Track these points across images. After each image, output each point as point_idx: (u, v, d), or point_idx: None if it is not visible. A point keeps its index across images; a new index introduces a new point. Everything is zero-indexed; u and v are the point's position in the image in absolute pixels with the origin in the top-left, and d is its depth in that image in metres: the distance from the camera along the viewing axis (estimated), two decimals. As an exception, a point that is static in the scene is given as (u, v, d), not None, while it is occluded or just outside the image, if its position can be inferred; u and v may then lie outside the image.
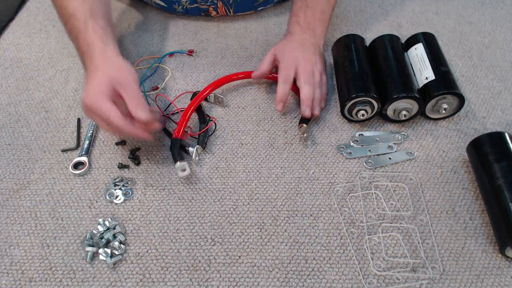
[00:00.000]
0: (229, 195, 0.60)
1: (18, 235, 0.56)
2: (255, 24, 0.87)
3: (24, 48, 0.83)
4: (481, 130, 0.67)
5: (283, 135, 0.67)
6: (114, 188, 0.60)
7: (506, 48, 0.80)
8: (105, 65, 0.59)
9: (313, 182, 0.61)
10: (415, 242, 0.54)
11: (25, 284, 0.52)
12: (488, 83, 0.74)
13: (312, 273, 0.52)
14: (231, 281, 0.52)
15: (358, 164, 0.63)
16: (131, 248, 0.55)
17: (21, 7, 0.92)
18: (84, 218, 0.58)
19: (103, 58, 0.60)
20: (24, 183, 0.62)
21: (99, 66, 0.59)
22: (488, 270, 0.52)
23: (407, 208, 0.58)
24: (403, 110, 0.64)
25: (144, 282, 0.52)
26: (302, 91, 0.67)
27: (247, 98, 0.73)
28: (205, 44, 0.83)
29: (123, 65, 0.59)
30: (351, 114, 0.67)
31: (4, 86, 0.76)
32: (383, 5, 0.91)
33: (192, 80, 0.76)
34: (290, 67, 0.68)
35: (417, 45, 0.70)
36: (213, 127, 0.68)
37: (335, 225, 0.56)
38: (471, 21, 0.86)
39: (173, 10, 0.86)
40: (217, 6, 0.84)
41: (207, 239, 0.56)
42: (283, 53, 0.71)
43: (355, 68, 0.68)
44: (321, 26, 0.76)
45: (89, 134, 0.66)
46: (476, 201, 0.58)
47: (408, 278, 0.51)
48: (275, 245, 0.55)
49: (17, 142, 0.67)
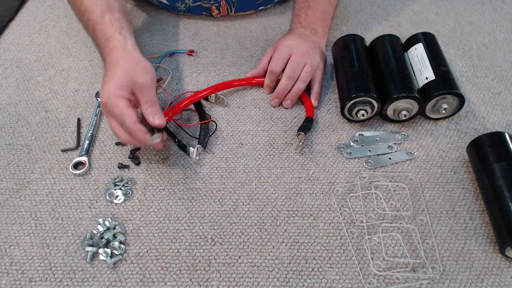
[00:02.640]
0: (229, 195, 0.60)
1: (18, 235, 0.56)
2: (255, 24, 0.87)
3: (24, 48, 0.83)
4: (481, 130, 0.67)
5: (283, 135, 0.67)
6: (114, 188, 0.60)
7: (506, 48, 0.80)
8: (125, 61, 0.58)
9: (313, 182, 0.61)
10: (415, 242, 0.54)
11: (25, 284, 0.52)
12: (488, 83, 0.74)
13: (312, 273, 0.52)
14: (231, 281, 0.52)
15: (358, 164, 0.63)
16: (131, 248, 0.55)
17: (21, 7, 0.92)
18: (84, 218, 0.58)
19: (123, 53, 0.59)
20: (24, 183, 0.62)
21: (118, 61, 0.58)
22: (488, 270, 0.52)
23: (407, 208, 0.58)
24: (403, 110, 0.64)
25: (144, 282, 0.52)
26: (280, 82, 0.68)
27: (247, 98, 0.73)
28: (205, 44, 0.83)
29: (142, 63, 0.59)
30: (351, 114, 0.67)
31: (4, 86, 0.76)
32: (383, 5, 0.91)
33: (192, 80, 0.76)
34: (280, 58, 0.69)
35: (417, 45, 0.70)
36: (213, 127, 0.68)
37: (335, 225, 0.56)
38: (471, 21, 0.86)
39: (175, 8, 0.86)
40: (220, 5, 0.84)
41: (207, 239, 0.56)
42: (280, 43, 0.71)
43: (355, 68, 0.68)
44: (323, 26, 0.76)
45: (89, 134, 0.66)
46: (476, 201, 0.58)
47: (408, 278, 0.51)
48: (275, 245, 0.55)
49: (17, 142, 0.67)
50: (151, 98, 0.57)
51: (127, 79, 0.56)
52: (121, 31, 0.61)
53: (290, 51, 0.69)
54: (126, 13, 0.67)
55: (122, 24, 0.62)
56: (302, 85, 0.69)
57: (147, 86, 0.57)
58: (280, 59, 0.69)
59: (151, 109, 0.56)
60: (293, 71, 0.68)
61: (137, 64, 0.59)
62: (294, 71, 0.68)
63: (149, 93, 0.57)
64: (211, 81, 0.75)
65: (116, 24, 0.62)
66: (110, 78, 0.57)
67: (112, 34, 0.61)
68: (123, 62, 0.58)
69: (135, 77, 0.56)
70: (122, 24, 0.62)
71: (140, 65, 0.59)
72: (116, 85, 0.56)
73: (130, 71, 0.57)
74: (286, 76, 0.68)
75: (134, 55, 0.60)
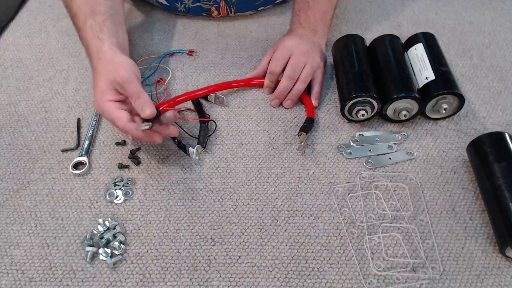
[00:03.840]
0: (229, 195, 0.60)
1: (18, 235, 0.56)
2: (255, 24, 0.87)
3: (24, 48, 0.83)
4: (481, 130, 0.67)
5: (283, 135, 0.67)
6: (114, 188, 0.60)
7: (506, 48, 0.80)
8: (102, 66, 0.59)
9: (313, 182, 0.61)
10: (415, 242, 0.54)
11: (25, 284, 0.52)
12: (488, 83, 0.74)
13: (312, 273, 0.52)
14: (231, 281, 0.52)
15: (358, 164, 0.63)
16: (131, 248, 0.55)
17: (21, 7, 0.92)
18: (84, 218, 0.58)
19: (99, 58, 0.60)
20: (24, 183, 0.62)
21: (97, 69, 0.59)
22: (488, 270, 0.52)
23: (407, 208, 0.58)
24: (403, 110, 0.64)
25: (144, 282, 0.52)
26: (280, 83, 0.68)
27: (247, 98, 0.73)
28: (205, 44, 0.83)
29: (117, 60, 0.59)
30: (351, 114, 0.67)
31: (4, 86, 0.76)
32: (383, 5, 0.91)
33: (192, 80, 0.76)
34: (280, 58, 0.69)
35: (417, 45, 0.70)
36: (213, 127, 0.68)
37: (335, 225, 0.56)
38: (471, 21, 0.86)
39: (175, 9, 0.86)
40: (219, 5, 0.84)
41: (207, 239, 0.56)
42: (279, 43, 0.71)
43: (355, 68, 0.68)
44: (323, 26, 0.76)
45: (89, 134, 0.66)
46: (476, 201, 0.58)
47: (408, 278, 0.51)
48: (275, 245, 0.55)
49: (17, 142, 0.67)
50: (135, 91, 0.57)
51: (107, 81, 0.57)
52: (99, 35, 0.61)
53: (290, 52, 0.69)
54: (112, 14, 0.65)
55: (102, 27, 0.62)
56: (302, 85, 0.69)
57: (127, 81, 0.56)
58: (280, 59, 0.69)
59: (137, 102, 0.56)
60: (293, 71, 0.68)
61: (112, 63, 0.58)
62: (295, 71, 0.68)
63: (131, 87, 0.56)
64: (211, 81, 0.75)
65: (95, 29, 0.61)
66: (94, 86, 0.59)
67: (90, 41, 0.61)
68: (100, 66, 0.59)
69: (113, 76, 0.57)
70: (102, 27, 0.62)
71: (116, 63, 0.58)
72: (100, 91, 0.57)
73: (107, 72, 0.57)
74: (287, 76, 0.68)
75: (109, 55, 0.59)
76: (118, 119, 0.56)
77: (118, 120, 0.56)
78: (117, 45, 0.61)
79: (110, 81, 0.57)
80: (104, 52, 0.60)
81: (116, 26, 0.65)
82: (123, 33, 0.67)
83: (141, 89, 0.57)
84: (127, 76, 0.57)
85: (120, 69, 0.57)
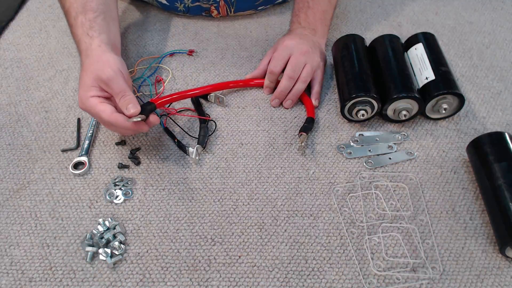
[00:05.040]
0: (229, 195, 0.60)
1: (18, 235, 0.56)
2: (255, 24, 0.87)
3: (24, 48, 0.83)
4: (481, 130, 0.67)
5: (283, 135, 0.67)
6: (114, 188, 0.60)
7: (506, 48, 0.80)
8: (89, 63, 0.58)
9: (313, 182, 0.61)
10: (415, 242, 0.54)
11: (25, 284, 0.52)
12: (488, 83, 0.74)
13: (312, 273, 0.52)
14: (231, 281, 0.52)
15: (358, 164, 0.63)
16: (131, 248, 0.55)
17: (21, 7, 0.92)
18: (84, 218, 0.58)
19: (87, 54, 0.60)
20: (24, 183, 0.62)
21: (84, 65, 0.59)
22: (488, 270, 0.52)
23: (407, 208, 0.58)
24: (403, 110, 0.64)
25: (144, 282, 0.52)
26: (280, 83, 0.68)
27: (247, 98, 0.73)
28: (205, 44, 0.83)
29: (104, 58, 0.59)
30: (351, 114, 0.67)
31: (4, 86, 0.76)
32: (383, 5, 0.91)
33: (192, 80, 0.76)
34: (280, 58, 0.69)
35: (417, 45, 0.70)
36: (212, 127, 0.68)
37: (335, 225, 0.56)
38: (471, 21, 0.86)
39: (175, 8, 0.86)
40: (219, 5, 0.84)
41: (207, 239, 0.56)
42: (279, 43, 0.71)
43: (355, 68, 0.68)
44: (323, 26, 0.76)
45: (89, 134, 0.66)
46: (476, 201, 0.58)
47: (408, 278, 0.51)
48: (275, 245, 0.55)
49: (17, 142, 0.67)
50: (120, 89, 0.56)
51: (92, 78, 0.57)
52: (89, 32, 0.61)
53: (290, 52, 0.69)
54: (104, 10, 0.65)
55: (92, 24, 0.62)
56: (302, 85, 0.69)
57: (112, 79, 0.56)
58: (280, 59, 0.69)
59: (122, 101, 0.56)
60: (293, 71, 0.68)
61: (98, 60, 0.58)
62: (294, 71, 0.68)
63: (116, 85, 0.56)
64: (211, 81, 0.75)
65: (85, 26, 0.61)
66: (79, 83, 0.58)
67: (80, 38, 0.61)
68: (87, 63, 0.59)
69: (99, 74, 0.56)
70: (93, 24, 0.62)
71: (102, 60, 0.58)
72: (84, 87, 0.57)
73: (92, 70, 0.57)
74: (287, 76, 0.68)
75: (96, 53, 0.59)
76: (102, 112, 0.55)
77: (103, 112, 0.55)
78: (107, 42, 0.61)
79: (95, 78, 0.56)
80: (93, 49, 0.60)
81: (108, 22, 0.65)
82: (115, 29, 0.67)
83: (126, 87, 0.57)
84: (112, 73, 0.56)
85: (106, 67, 0.57)
